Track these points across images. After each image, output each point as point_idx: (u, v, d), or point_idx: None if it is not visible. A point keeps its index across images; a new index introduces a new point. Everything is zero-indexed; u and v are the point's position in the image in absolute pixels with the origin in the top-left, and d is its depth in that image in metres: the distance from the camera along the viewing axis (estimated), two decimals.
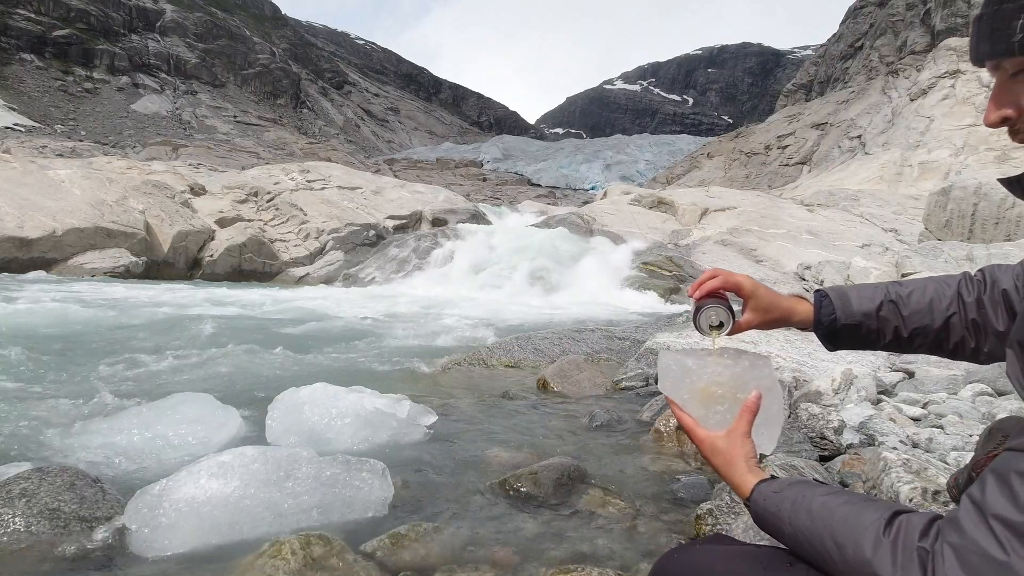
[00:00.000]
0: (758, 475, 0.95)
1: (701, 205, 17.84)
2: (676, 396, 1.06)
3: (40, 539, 1.79)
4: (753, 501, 0.92)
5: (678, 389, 1.06)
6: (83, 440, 2.64)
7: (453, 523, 1.97)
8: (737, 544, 0.97)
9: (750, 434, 0.99)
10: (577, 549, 1.83)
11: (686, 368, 1.06)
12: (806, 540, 0.81)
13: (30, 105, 69.64)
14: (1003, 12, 0.73)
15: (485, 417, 3.23)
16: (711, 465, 1.02)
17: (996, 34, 0.75)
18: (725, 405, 1.02)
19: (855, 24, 48.04)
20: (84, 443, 2.62)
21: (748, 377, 1.03)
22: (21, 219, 11.44)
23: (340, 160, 54.62)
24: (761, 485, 0.92)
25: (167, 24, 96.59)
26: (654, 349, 4.83)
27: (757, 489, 0.92)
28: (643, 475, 2.44)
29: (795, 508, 0.84)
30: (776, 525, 0.88)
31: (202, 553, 1.76)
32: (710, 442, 1.00)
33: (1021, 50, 0.73)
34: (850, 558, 0.74)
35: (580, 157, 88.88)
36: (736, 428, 0.99)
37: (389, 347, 5.71)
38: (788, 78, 69.63)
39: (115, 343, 5.25)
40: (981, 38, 0.78)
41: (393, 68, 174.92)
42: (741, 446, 0.97)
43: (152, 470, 2.36)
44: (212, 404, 2.88)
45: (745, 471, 0.95)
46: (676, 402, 1.06)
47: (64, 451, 2.55)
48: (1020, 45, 0.73)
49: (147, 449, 2.55)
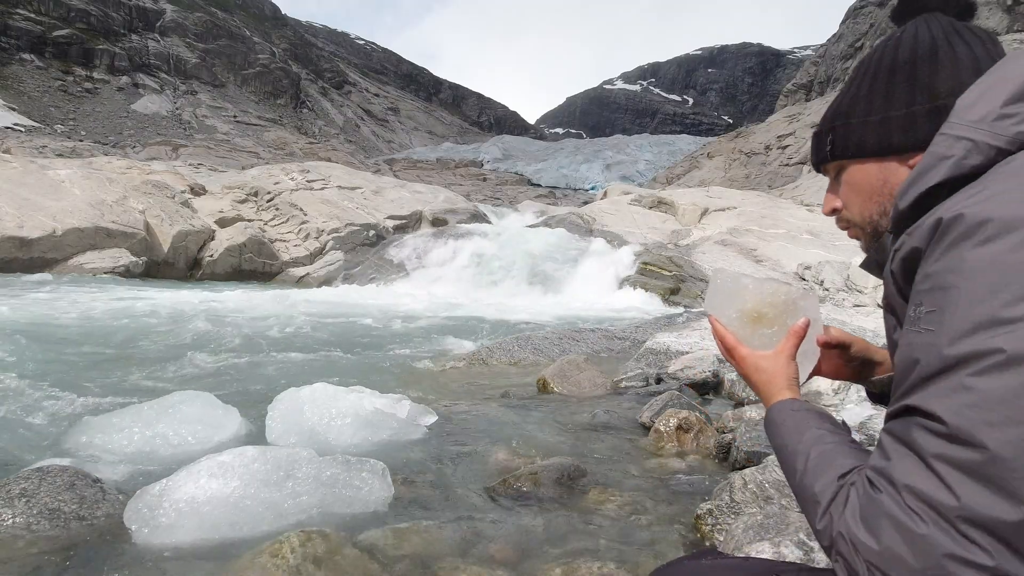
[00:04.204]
0: (795, 394, 0.97)
1: (701, 205, 17.83)
2: (722, 314, 1.08)
3: (40, 539, 1.79)
4: (771, 408, 0.96)
5: (726, 308, 1.07)
6: (83, 440, 2.64)
7: (453, 522, 1.97)
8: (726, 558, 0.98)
9: (795, 357, 1.01)
10: (577, 548, 1.83)
11: (741, 286, 1.07)
12: (788, 455, 0.86)
13: (30, 105, 69.63)
14: (820, 132, 0.98)
15: (485, 417, 3.24)
16: (749, 382, 1.04)
17: (818, 148, 0.99)
18: (773, 328, 1.03)
19: (855, 24, 48.05)
20: (84, 443, 2.62)
21: (800, 305, 1.04)
22: (21, 219, 11.45)
23: (340, 160, 54.63)
24: (788, 400, 0.95)
25: (167, 24, 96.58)
26: (654, 349, 4.83)
27: (782, 402, 0.95)
28: (643, 475, 2.44)
29: (796, 426, 0.88)
30: (775, 433, 0.92)
31: (202, 553, 1.76)
32: (753, 360, 1.02)
33: (833, 157, 0.95)
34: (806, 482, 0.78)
35: (580, 157, 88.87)
36: (783, 349, 1.01)
37: (389, 347, 5.71)
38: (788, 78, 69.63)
39: (114, 343, 5.25)
40: (812, 151, 1.02)
41: (393, 68, 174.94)
42: (786, 366, 1.00)
43: (152, 470, 2.36)
44: (212, 404, 2.88)
45: (784, 388, 0.98)
46: (721, 320, 1.08)
47: (64, 451, 2.55)
48: (831, 154, 0.95)
49: (147, 449, 2.55)
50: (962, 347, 0.61)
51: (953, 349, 0.62)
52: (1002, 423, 0.58)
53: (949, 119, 0.76)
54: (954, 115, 0.76)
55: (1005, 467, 0.57)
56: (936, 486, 0.61)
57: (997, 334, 0.59)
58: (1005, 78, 0.74)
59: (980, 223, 0.63)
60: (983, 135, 0.72)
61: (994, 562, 0.58)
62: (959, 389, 0.61)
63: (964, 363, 0.61)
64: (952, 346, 0.62)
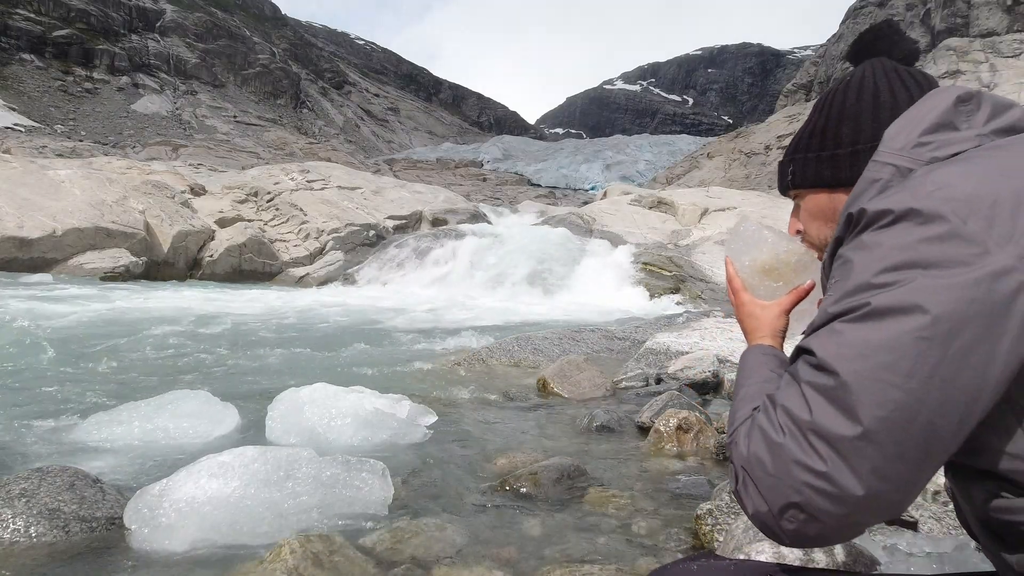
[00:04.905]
0: (775, 343, 1.06)
1: (701, 205, 17.83)
2: (737, 260, 1.15)
3: (40, 539, 1.79)
4: (745, 350, 1.06)
5: (742, 254, 1.14)
6: (83, 439, 2.64)
7: (453, 522, 1.97)
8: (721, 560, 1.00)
9: (790, 313, 1.09)
10: (577, 548, 1.83)
11: (761, 238, 1.13)
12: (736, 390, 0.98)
13: (30, 105, 69.64)
14: (783, 163, 1.10)
15: (485, 417, 3.24)
16: (741, 325, 1.12)
17: (781, 177, 1.11)
18: (779, 283, 1.10)
19: (855, 24, 48.05)
20: (84, 442, 2.62)
21: (811, 269, 1.09)
22: (21, 219, 11.44)
23: (340, 160, 54.64)
24: (761, 345, 1.05)
25: (167, 24, 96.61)
26: (654, 349, 4.83)
27: (756, 346, 1.05)
28: (643, 475, 2.44)
29: (755, 367, 0.99)
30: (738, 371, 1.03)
31: (202, 553, 1.76)
32: (751, 306, 1.11)
33: (793, 186, 1.07)
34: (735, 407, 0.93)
35: (580, 157, 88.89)
36: (780, 303, 1.09)
37: (389, 347, 5.71)
38: (788, 78, 69.59)
39: (115, 343, 5.25)
40: (778, 179, 1.13)
41: (393, 68, 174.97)
42: (777, 318, 1.08)
43: (152, 470, 2.36)
44: (212, 403, 2.89)
45: (767, 335, 1.07)
46: (735, 265, 1.16)
47: (64, 451, 2.55)
48: (791, 183, 1.07)
49: (147, 449, 2.55)
50: (841, 304, 0.75)
51: (835, 306, 0.76)
52: (854, 357, 0.71)
53: (879, 149, 0.89)
54: (882, 145, 0.89)
55: (849, 392, 0.70)
56: (800, 405, 0.74)
57: (867, 295, 0.73)
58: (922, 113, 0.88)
59: (879, 213, 0.76)
60: (904, 160, 0.85)
61: (826, 468, 0.70)
62: (831, 332, 0.75)
63: (839, 315, 0.75)
64: (835, 304, 0.76)
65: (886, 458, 0.69)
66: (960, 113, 0.86)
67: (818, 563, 1.48)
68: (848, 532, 0.75)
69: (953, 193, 0.72)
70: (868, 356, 0.70)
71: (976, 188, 0.72)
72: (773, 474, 0.75)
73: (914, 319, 0.69)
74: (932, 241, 0.71)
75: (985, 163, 0.77)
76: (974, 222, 0.70)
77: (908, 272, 0.71)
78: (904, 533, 1.71)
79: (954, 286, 0.68)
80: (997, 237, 0.69)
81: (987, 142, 0.83)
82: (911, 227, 0.73)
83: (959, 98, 0.87)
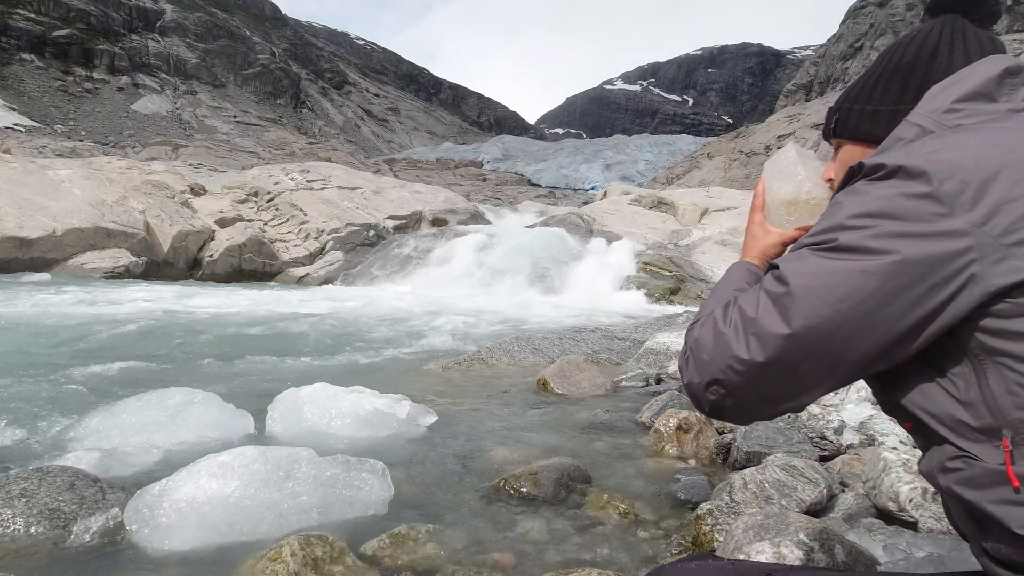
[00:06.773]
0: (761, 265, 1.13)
1: (701, 205, 17.83)
2: (769, 183, 1.19)
3: (40, 539, 1.79)
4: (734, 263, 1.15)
5: (773, 180, 1.19)
6: (83, 440, 2.64)
7: (453, 524, 1.97)
8: (719, 560, 1.01)
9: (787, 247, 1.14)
10: (577, 549, 1.83)
11: (793, 172, 1.18)
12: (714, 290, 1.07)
13: (30, 105, 69.64)
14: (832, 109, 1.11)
15: (485, 417, 3.24)
16: (744, 238, 1.19)
17: (827, 123, 1.12)
18: (794, 217, 1.15)
19: (855, 24, 48.06)
20: (84, 443, 2.62)
21: None
22: (21, 219, 11.44)
23: (340, 160, 54.63)
24: (747, 262, 1.13)
25: (167, 24, 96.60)
26: (654, 349, 4.83)
27: (743, 262, 1.14)
28: (643, 475, 2.44)
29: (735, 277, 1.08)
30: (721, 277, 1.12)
31: (202, 553, 1.76)
32: (760, 226, 1.17)
33: (834, 134, 1.09)
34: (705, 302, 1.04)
35: (580, 157, 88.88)
36: (784, 234, 1.14)
37: (389, 347, 5.71)
38: (788, 78, 69.61)
39: (115, 343, 5.25)
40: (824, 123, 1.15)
41: (393, 68, 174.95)
42: (773, 245, 1.14)
43: (152, 470, 2.36)
44: (212, 403, 2.88)
45: (756, 255, 1.14)
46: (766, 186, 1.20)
47: (64, 451, 2.54)
48: (833, 131, 1.09)
49: (147, 448, 2.55)
50: (815, 237, 0.84)
51: (810, 238, 0.85)
52: (806, 275, 0.82)
53: (915, 108, 0.91)
54: (919, 105, 0.91)
55: (792, 300, 0.81)
56: (752, 305, 0.86)
57: (838, 232, 0.81)
58: (964, 79, 0.89)
59: (875, 167, 0.82)
60: (930, 123, 0.87)
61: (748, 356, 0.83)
62: (799, 256, 0.85)
63: (810, 245, 0.84)
64: (811, 236, 0.85)
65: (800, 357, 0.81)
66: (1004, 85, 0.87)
67: (818, 563, 1.48)
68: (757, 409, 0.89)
69: (940, 156, 0.78)
70: (817, 277, 0.81)
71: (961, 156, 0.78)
72: (709, 354, 0.88)
73: (866, 258, 0.78)
74: (909, 197, 0.78)
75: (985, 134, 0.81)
76: (949, 185, 0.76)
77: (878, 220, 0.79)
78: (904, 533, 1.71)
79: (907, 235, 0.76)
80: (963, 203, 0.75)
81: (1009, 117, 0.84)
82: (897, 182, 0.79)
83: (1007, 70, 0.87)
